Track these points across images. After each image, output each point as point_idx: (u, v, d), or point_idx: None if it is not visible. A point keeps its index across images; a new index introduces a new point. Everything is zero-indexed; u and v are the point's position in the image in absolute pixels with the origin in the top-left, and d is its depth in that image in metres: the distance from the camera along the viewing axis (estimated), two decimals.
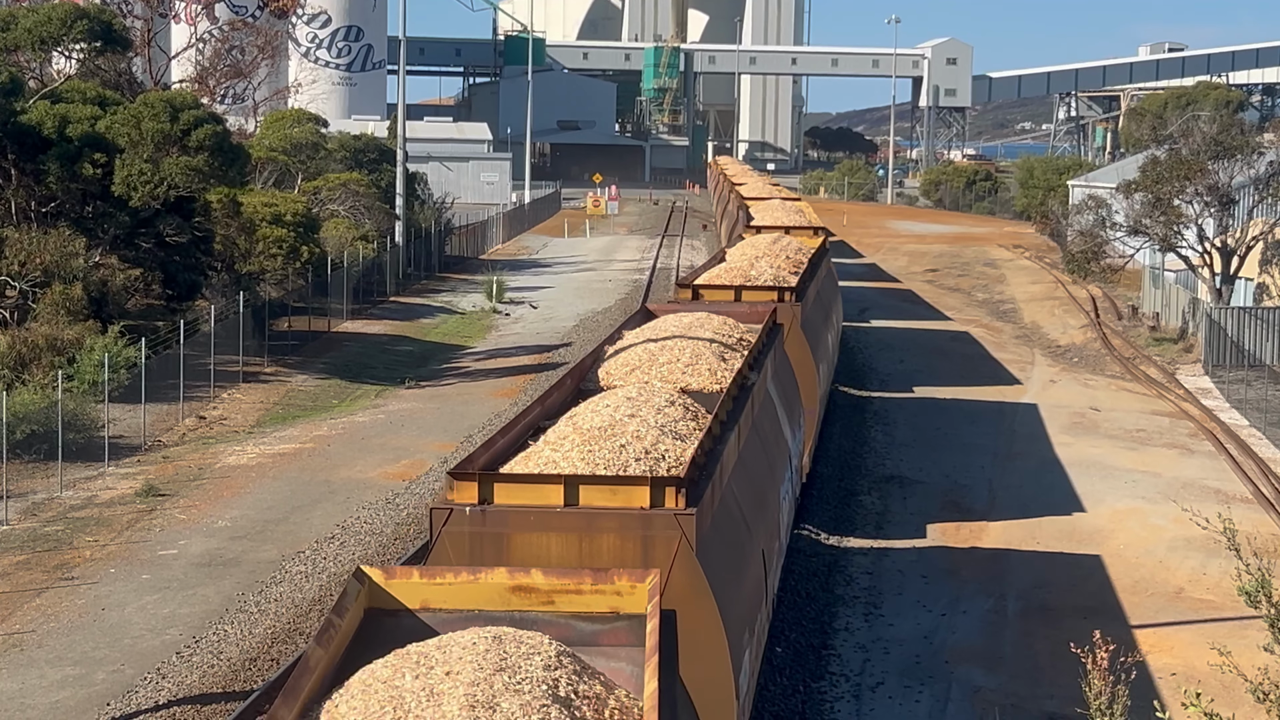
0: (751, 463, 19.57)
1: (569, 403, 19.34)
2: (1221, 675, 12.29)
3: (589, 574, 12.06)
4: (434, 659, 9.68)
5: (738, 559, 16.59)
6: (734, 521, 17.07)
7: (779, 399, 24.60)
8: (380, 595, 11.86)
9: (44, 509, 31.47)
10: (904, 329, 62.24)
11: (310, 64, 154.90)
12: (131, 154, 46.04)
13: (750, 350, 23.14)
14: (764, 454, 21.09)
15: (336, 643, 10.89)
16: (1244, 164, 58.24)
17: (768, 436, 22.08)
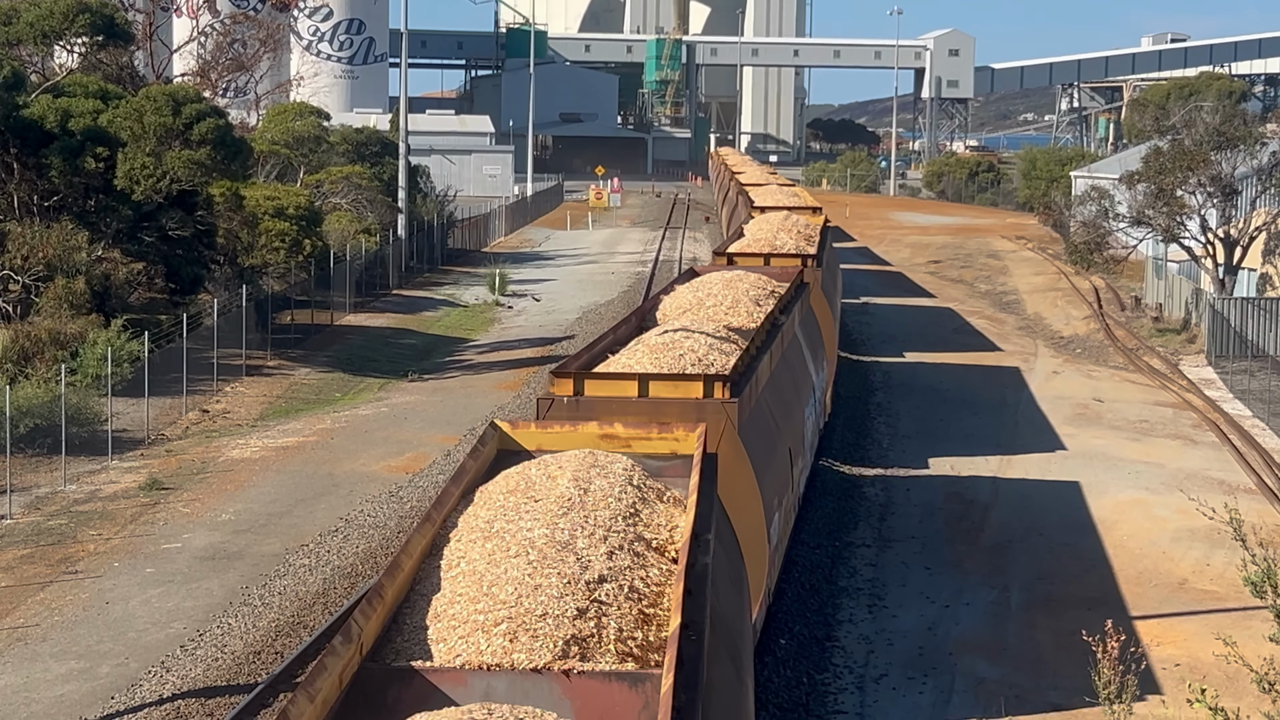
0: (781, 382, 24.51)
1: (633, 334, 24.18)
2: (1226, 666, 12.28)
3: (656, 425, 16.40)
4: (549, 461, 14.11)
5: (769, 446, 21.19)
6: (766, 419, 21.63)
7: (805, 341, 29.59)
8: (508, 440, 15.92)
9: (48, 503, 31.48)
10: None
11: (312, 57, 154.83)
12: (134, 148, 46.02)
13: (780, 300, 28.02)
14: (791, 379, 25.93)
15: (477, 466, 14.66)
16: (1247, 154, 58.18)
17: (795, 366, 26.97)
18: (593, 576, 11.57)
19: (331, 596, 25.52)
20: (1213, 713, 10.40)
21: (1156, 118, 67.50)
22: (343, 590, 25.84)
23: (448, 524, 13.08)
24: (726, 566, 14.53)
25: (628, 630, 11.26)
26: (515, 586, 11.34)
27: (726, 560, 14.70)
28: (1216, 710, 10.38)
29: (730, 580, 14.58)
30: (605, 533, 12.40)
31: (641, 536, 12.78)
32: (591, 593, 11.41)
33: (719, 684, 11.67)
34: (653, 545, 12.71)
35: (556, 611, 11.10)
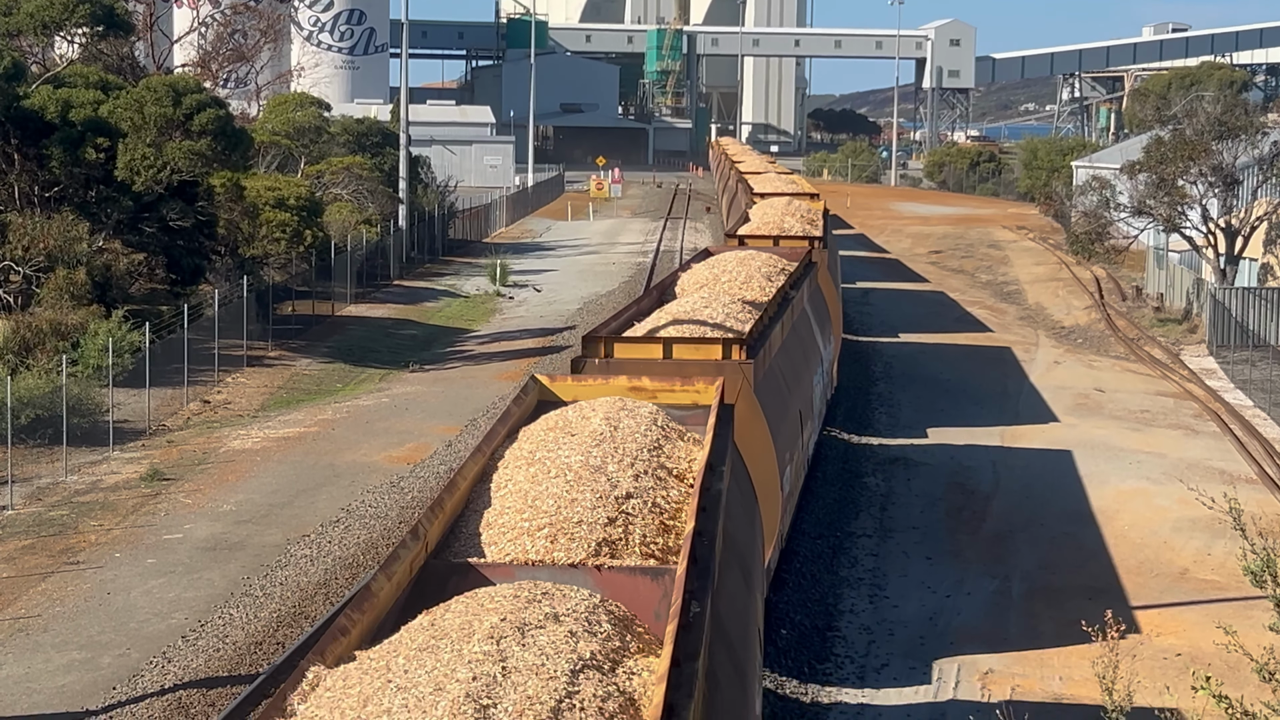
0: (792, 350, 26.92)
1: (655, 305, 26.66)
2: (1227, 655, 12.28)
3: (679, 379, 18.22)
4: (584, 405, 15.91)
5: (781, 405, 23.55)
6: (778, 381, 23.95)
7: (813, 315, 32.10)
8: (546, 391, 17.67)
9: (49, 493, 31.49)
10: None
11: (313, 48, 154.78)
12: (134, 138, 46.00)
13: (790, 276, 30.53)
14: (801, 348, 28.43)
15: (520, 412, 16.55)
16: (1248, 144, 58.13)
17: (804, 337, 29.51)
18: (621, 493, 13.51)
19: (333, 587, 25.53)
20: (1216, 700, 10.40)
21: (1158, 107, 67.49)
22: (344, 581, 25.85)
23: (495, 455, 14.91)
24: (740, 498, 16.43)
25: (650, 536, 13.15)
26: (555, 500, 13.30)
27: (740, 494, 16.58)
28: (1219, 698, 10.38)
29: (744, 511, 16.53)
30: (632, 460, 14.26)
31: (663, 465, 14.61)
32: (619, 506, 13.32)
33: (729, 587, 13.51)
34: (673, 472, 14.56)
35: (590, 519, 13.04)
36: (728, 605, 13.04)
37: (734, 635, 13.14)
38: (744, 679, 13.08)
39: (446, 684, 8.90)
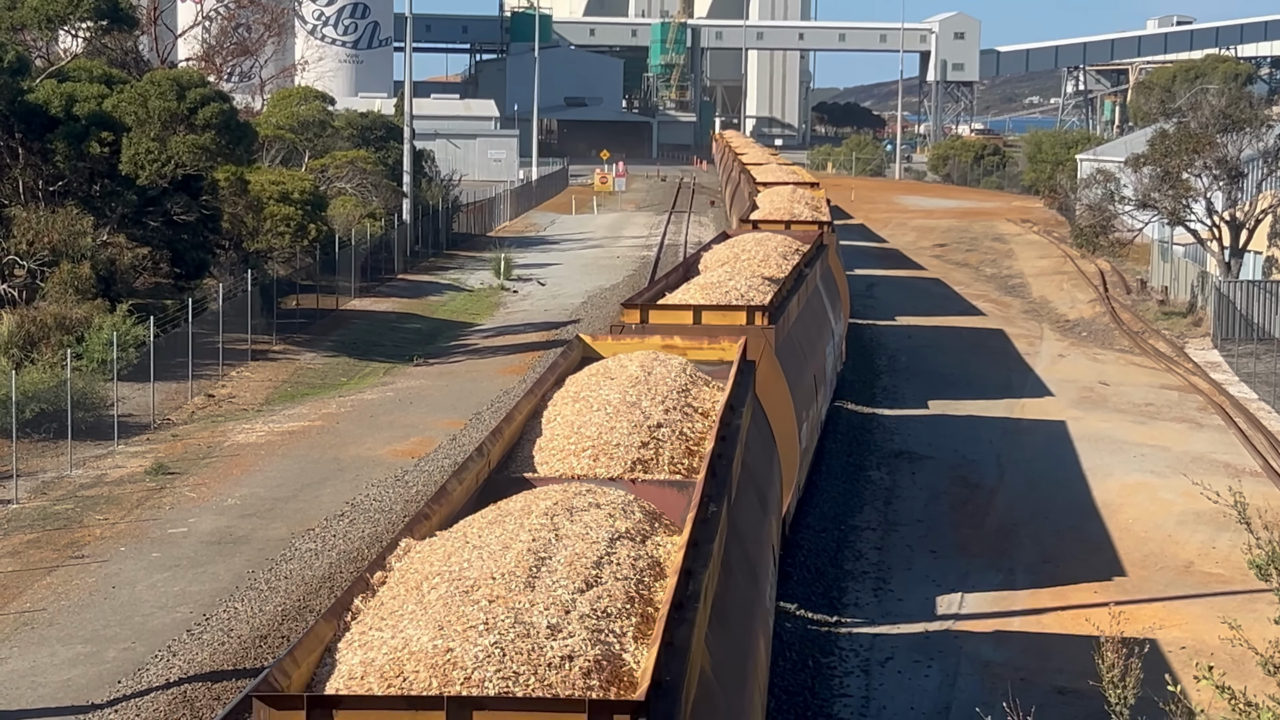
0: (807, 321, 29.69)
1: (682, 280, 29.53)
2: (1232, 648, 12.27)
3: (707, 338, 20.87)
4: (622, 357, 18.67)
5: (799, 368, 26.01)
6: (796, 347, 26.68)
7: (825, 292, 34.90)
8: (589, 349, 20.16)
9: (54, 487, 31.52)
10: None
11: (317, 41, 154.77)
12: (138, 132, 46.01)
13: (804, 256, 33.24)
14: (815, 320, 31.17)
15: (565, 364, 18.96)
16: (1253, 137, 58.10)
17: (817, 311, 32.20)
18: (652, 423, 16.08)
19: (337, 581, 25.54)
20: (1219, 691, 10.40)
21: (1162, 100, 67.50)
22: (349, 574, 25.85)
23: (544, 397, 17.33)
24: (759, 438, 18.86)
25: (677, 459, 15.70)
26: (596, 428, 15.92)
27: (759, 435, 19.01)
28: (1223, 689, 10.38)
29: (762, 450, 18.95)
30: (663, 399, 16.79)
31: (690, 404, 17.07)
32: (651, 433, 15.91)
33: (745, 504, 15.94)
34: (698, 410, 17.01)
35: (626, 443, 15.62)
36: (743, 517, 15.51)
37: (748, 541, 15.49)
38: (756, 580, 15.41)
39: (512, 543, 11.33)
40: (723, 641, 12.36)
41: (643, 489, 14.26)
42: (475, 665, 9.56)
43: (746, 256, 32.37)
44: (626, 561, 11.54)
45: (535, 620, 10.11)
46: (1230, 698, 10.45)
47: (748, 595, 14.32)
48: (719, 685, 11.72)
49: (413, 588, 10.84)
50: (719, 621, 12.35)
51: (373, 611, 10.65)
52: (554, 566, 11.01)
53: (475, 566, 10.94)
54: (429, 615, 10.19)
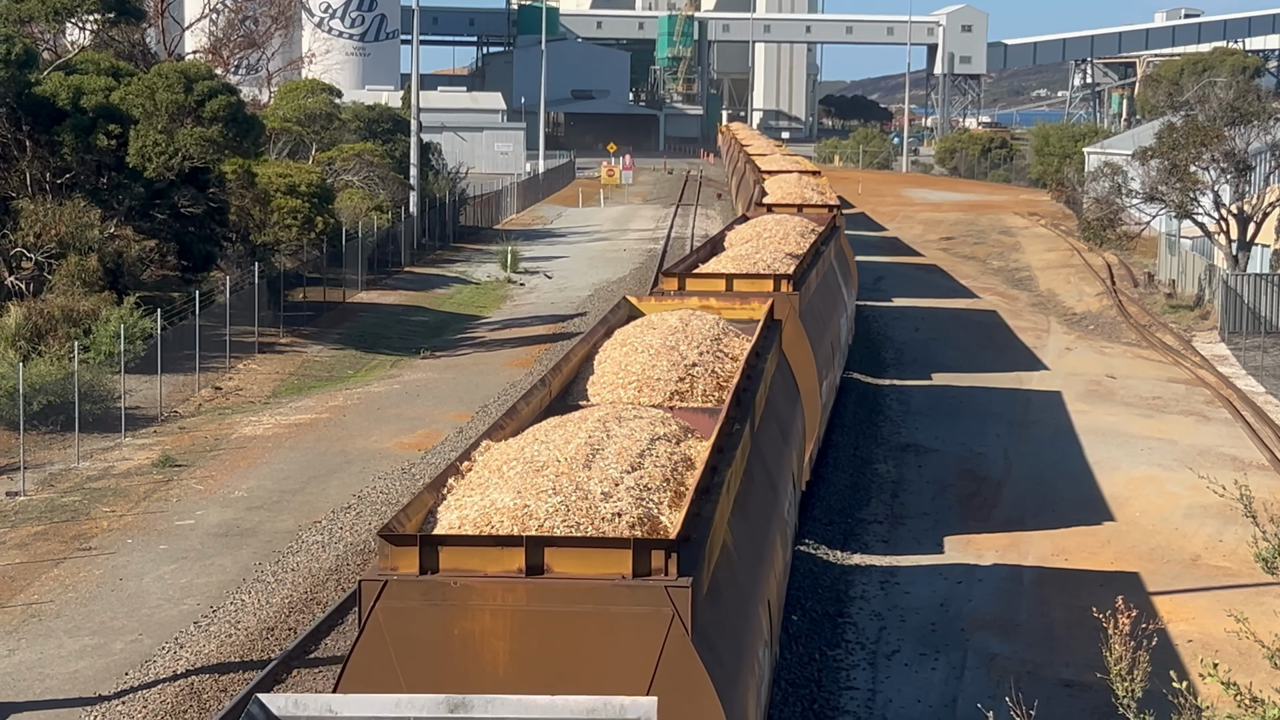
0: (824, 292, 32.68)
1: (710, 254, 33.31)
2: (1238, 642, 12.28)
3: (738, 300, 24.56)
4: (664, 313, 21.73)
5: (819, 331, 28.75)
6: (816, 313, 29.50)
7: (839, 270, 38.25)
8: (634, 309, 23.45)
9: (61, 479, 31.56)
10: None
11: (324, 34, 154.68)
12: (146, 125, 46.03)
13: (819, 235, 36.43)
14: (831, 293, 34.25)
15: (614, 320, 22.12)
16: (1261, 130, 58.00)
17: (833, 285, 35.45)
18: (688, 363, 19.22)
19: (345, 573, 25.57)
20: (1225, 687, 10.40)
21: (1170, 93, 67.46)
22: (355, 566, 25.88)
23: (596, 344, 20.53)
24: (782, 383, 21.70)
25: (709, 391, 18.80)
26: (640, 366, 19.17)
27: (783, 381, 21.89)
28: (1228, 684, 10.37)
29: (785, 394, 21.80)
30: (698, 344, 19.89)
31: (721, 350, 20.06)
32: (688, 370, 19.07)
33: (767, 432, 18.63)
34: (729, 354, 20.03)
35: (665, 377, 18.85)
36: (765, 440, 18.33)
37: (769, 461, 18.29)
38: (776, 494, 18.18)
39: (572, 439, 14.32)
40: (742, 528, 15.13)
41: (679, 414, 17.01)
42: (546, 517, 12.47)
43: (768, 235, 35.62)
44: (664, 455, 14.40)
45: (592, 489, 12.95)
46: (1236, 694, 10.45)
47: (766, 501, 17.26)
48: (738, 560, 14.49)
49: (495, 469, 13.65)
50: (739, 512, 15.14)
51: (463, 486, 13.44)
52: (606, 455, 13.92)
53: (544, 454, 13.80)
54: (509, 485, 13.00)
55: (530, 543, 11.76)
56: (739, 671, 13.02)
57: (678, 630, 11.50)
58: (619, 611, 11.58)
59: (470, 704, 8.33)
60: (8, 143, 45.90)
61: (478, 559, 11.81)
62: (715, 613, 12.69)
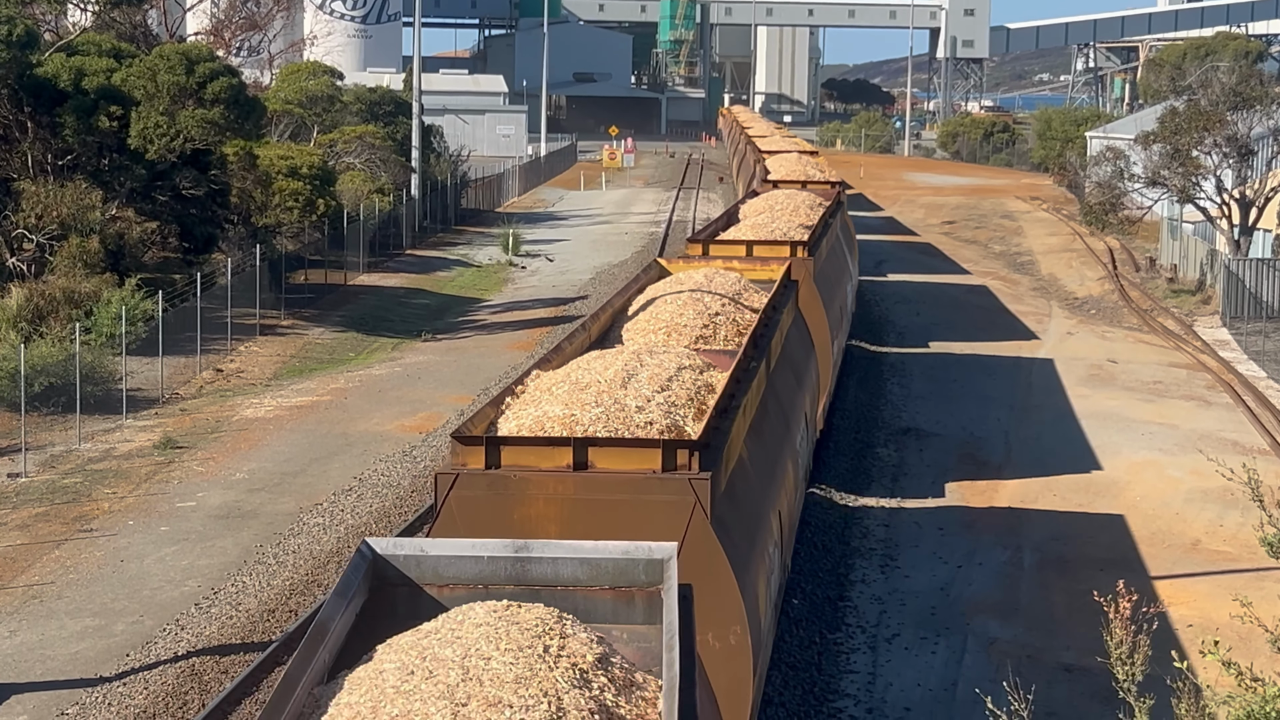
0: (834, 261, 35.34)
1: (726, 225, 36.20)
2: (1240, 626, 12.28)
3: (758, 262, 27.77)
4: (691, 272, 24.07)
5: (830, 294, 31.18)
6: (828, 278, 31.95)
7: (844, 240, 41.22)
8: (664, 269, 26.09)
9: (62, 461, 31.58)
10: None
11: (325, 16, 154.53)
12: (147, 107, 45.99)
13: (827, 208, 39.75)
14: (838, 263, 36.80)
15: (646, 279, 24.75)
16: (1263, 115, 57.94)
17: (840, 256, 38.04)
18: (712, 311, 21.56)
19: (345, 555, 25.58)
20: (1225, 667, 10.40)
21: (1172, 78, 67.45)
22: (357, 548, 25.88)
23: (630, 298, 23.11)
24: (797, 335, 24.24)
25: (730, 337, 21.13)
26: (669, 314, 21.46)
27: (798, 333, 24.59)
28: (1229, 665, 10.38)
29: (800, 344, 24.53)
30: (721, 296, 22.25)
31: (741, 302, 22.31)
32: (711, 318, 21.40)
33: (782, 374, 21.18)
34: (748, 306, 22.36)
35: (691, 324, 21.19)
36: (780, 380, 20.86)
37: (783, 398, 20.76)
38: (789, 426, 20.65)
39: (610, 366, 16.54)
40: (757, 447, 17.58)
41: (703, 353, 18.99)
42: (589, 424, 15.00)
43: (779, 208, 38.66)
44: (689, 381, 16.62)
45: (627, 403, 15.46)
46: (1237, 674, 10.45)
47: (779, 430, 19.78)
48: (753, 472, 16.89)
49: (545, 389, 16.06)
50: (754, 434, 17.49)
51: (518, 403, 15.82)
52: (639, 379, 16.21)
53: (587, 377, 16.15)
54: (558, 400, 15.51)
55: (577, 443, 14.04)
56: (751, 557, 15.30)
57: (699, 515, 13.72)
58: (650, 499, 13.70)
59: (530, 547, 10.36)
60: (9, 124, 45.86)
61: (533, 456, 14.04)
62: (731, 508, 15.06)
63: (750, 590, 14.71)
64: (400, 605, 10.03)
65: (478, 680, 8.23)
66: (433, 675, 8.26)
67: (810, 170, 54.26)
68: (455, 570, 10.26)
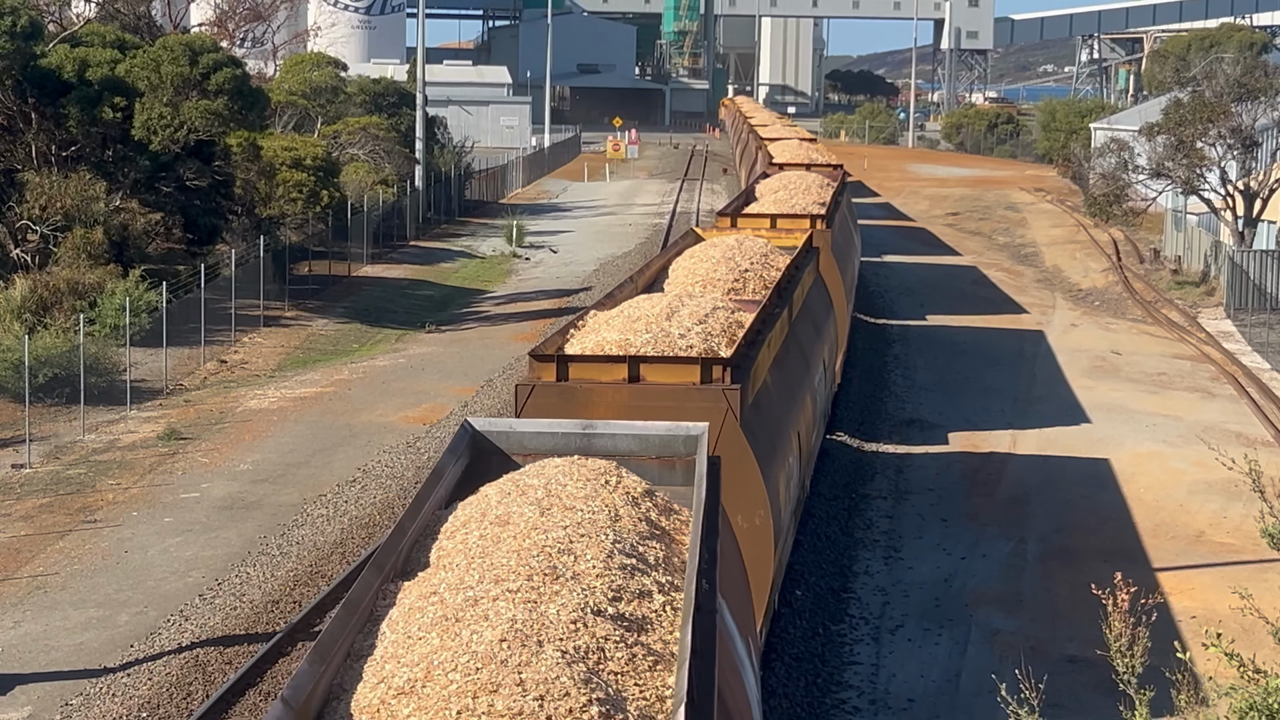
0: (844, 234, 38.64)
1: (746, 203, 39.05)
2: (1243, 618, 12.28)
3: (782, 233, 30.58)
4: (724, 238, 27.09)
5: (843, 262, 34.83)
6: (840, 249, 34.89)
7: (850, 218, 45.22)
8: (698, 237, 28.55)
9: (67, 452, 31.61)
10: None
11: (329, 7, 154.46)
12: (151, 98, 45.99)
13: (836, 187, 43.37)
14: (847, 238, 40.48)
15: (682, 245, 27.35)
16: (1267, 106, 57.86)
17: (848, 231, 42.07)
18: (742, 268, 24.31)
19: (349, 546, 25.61)
20: (1228, 659, 10.41)
21: (1177, 69, 67.29)
22: (360, 540, 25.93)
23: (670, 259, 25.82)
24: (816, 292, 27.61)
25: (758, 289, 23.46)
26: (704, 270, 24.28)
27: (817, 291, 27.89)
28: (1231, 656, 10.39)
29: (819, 299, 27.86)
30: (749, 256, 25.08)
31: (768, 262, 25.14)
32: (741, 274, 24.07)
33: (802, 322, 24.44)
34: (774, 266, 25.01)
35: (724, 278, 23.80)
36: (801, 328, 24.05)
37: (803, 342, 23.99)
38: (808, 366, 23.96)
39: (656, 305, 19.46)
40: (779, 377, 20.50)
41: (734, 301, 21.65)
42: (641, 346, 17.86)
43: (793, 186, 41.85)
44: (723, 318, 19.43)
45: (672, 331, 18.47)
46: (1239, 665, 10.46)
47: (799, 367, 22.94)
48: (776, 396, 19.81)
49: (602, 322, 19.04)
50: (778, 366, 20.50)
51: (580, 332, 18.76)
52: (681, 314, 19.14)
53: (637, 312, 19.14)
54: (614, 328, 18.60)
55: (631, 361, 16.90)
56: (773, 460, 18.24)
57: (730, 419, 16.37)
58: (691, 406, 16.10)
59: (594, 425, 13.11)
60: (13, 115, 45.88)
61: (595, 371, 16.86)
62: (757, 419, 17.83)
63: (772, 484, 17.75)
64: (493, 470, 12.21)
65: (557, 496, 10.84)
66: (524, 494, 10.89)
67: (812, 154, 58.07)
68: (536, 443, 12.89)
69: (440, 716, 8.09)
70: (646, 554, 10.46)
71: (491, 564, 9.79)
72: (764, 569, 17.00)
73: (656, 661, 9.09)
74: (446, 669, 8.39)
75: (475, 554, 10.08)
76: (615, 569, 9.92)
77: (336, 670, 8.96)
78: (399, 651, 8.88)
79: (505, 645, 8.54)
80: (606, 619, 9.23)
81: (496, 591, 9.33)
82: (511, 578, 9.51)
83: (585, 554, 9.99)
